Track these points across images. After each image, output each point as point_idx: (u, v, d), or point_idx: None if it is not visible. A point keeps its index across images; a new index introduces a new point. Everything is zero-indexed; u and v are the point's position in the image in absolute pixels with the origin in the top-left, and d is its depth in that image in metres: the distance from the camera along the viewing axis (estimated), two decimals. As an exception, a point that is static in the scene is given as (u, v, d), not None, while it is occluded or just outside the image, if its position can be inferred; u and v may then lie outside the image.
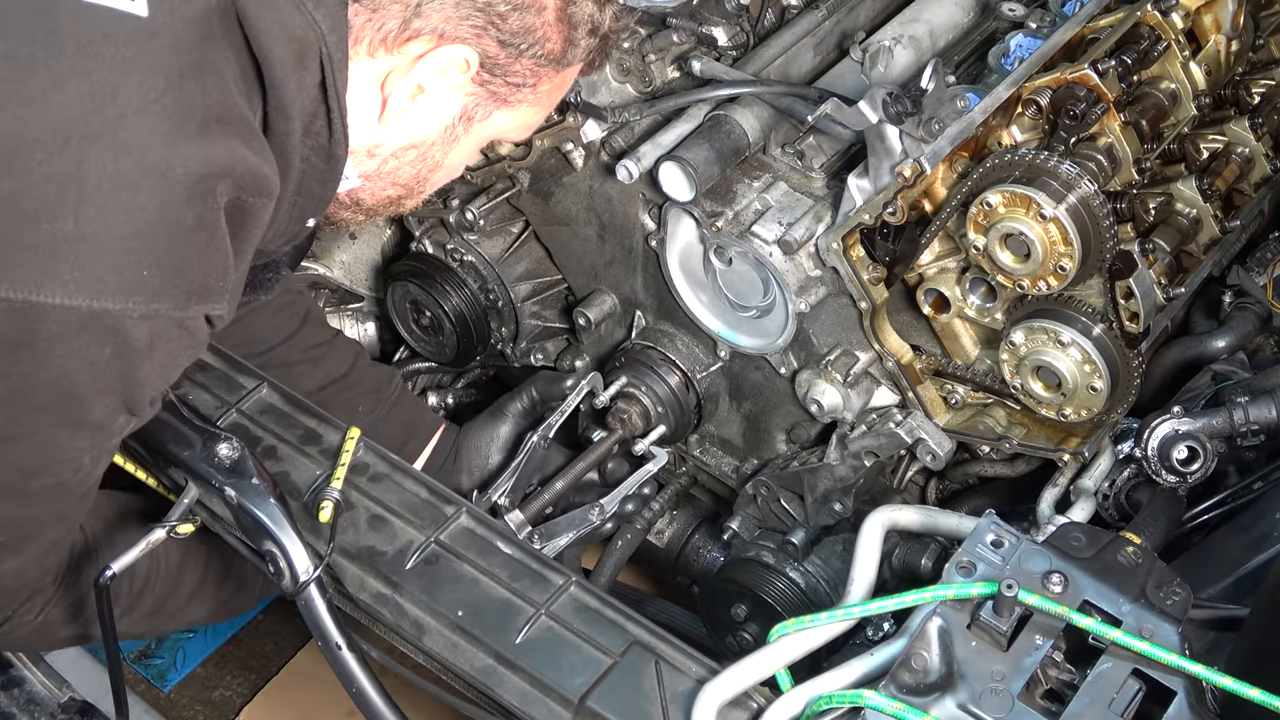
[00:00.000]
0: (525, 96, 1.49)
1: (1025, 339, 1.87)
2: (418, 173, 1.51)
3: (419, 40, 1.38)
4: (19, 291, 1.15)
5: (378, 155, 1.48)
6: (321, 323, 2.03)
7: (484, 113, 1.48)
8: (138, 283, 1.20)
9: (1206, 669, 1.29)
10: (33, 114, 1.16)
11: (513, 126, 1.54)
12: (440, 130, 1.48)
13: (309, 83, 1.33)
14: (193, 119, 1.22)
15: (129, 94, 1.19)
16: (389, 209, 1.58)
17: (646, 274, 2.12)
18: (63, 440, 1.30)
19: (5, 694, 1.95)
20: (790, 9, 2.23)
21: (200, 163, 1.21)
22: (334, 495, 1.58)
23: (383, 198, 1.54)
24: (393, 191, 1.53)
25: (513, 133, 1.56)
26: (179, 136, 1.20)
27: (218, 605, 1.74)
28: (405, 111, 1.44)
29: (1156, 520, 1.81)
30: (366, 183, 1.50)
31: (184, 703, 2.64)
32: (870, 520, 1.62)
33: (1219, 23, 2.08)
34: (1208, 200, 2.01)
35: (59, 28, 1.19)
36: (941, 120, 1.82)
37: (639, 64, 2.02)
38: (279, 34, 1.28)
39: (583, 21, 1.47)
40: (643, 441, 2.06)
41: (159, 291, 1.22)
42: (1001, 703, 1.31)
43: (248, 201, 1.28)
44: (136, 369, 1.26)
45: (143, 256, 1.19)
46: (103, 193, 1.17)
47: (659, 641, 1.49)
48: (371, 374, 2.03)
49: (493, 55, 1.42)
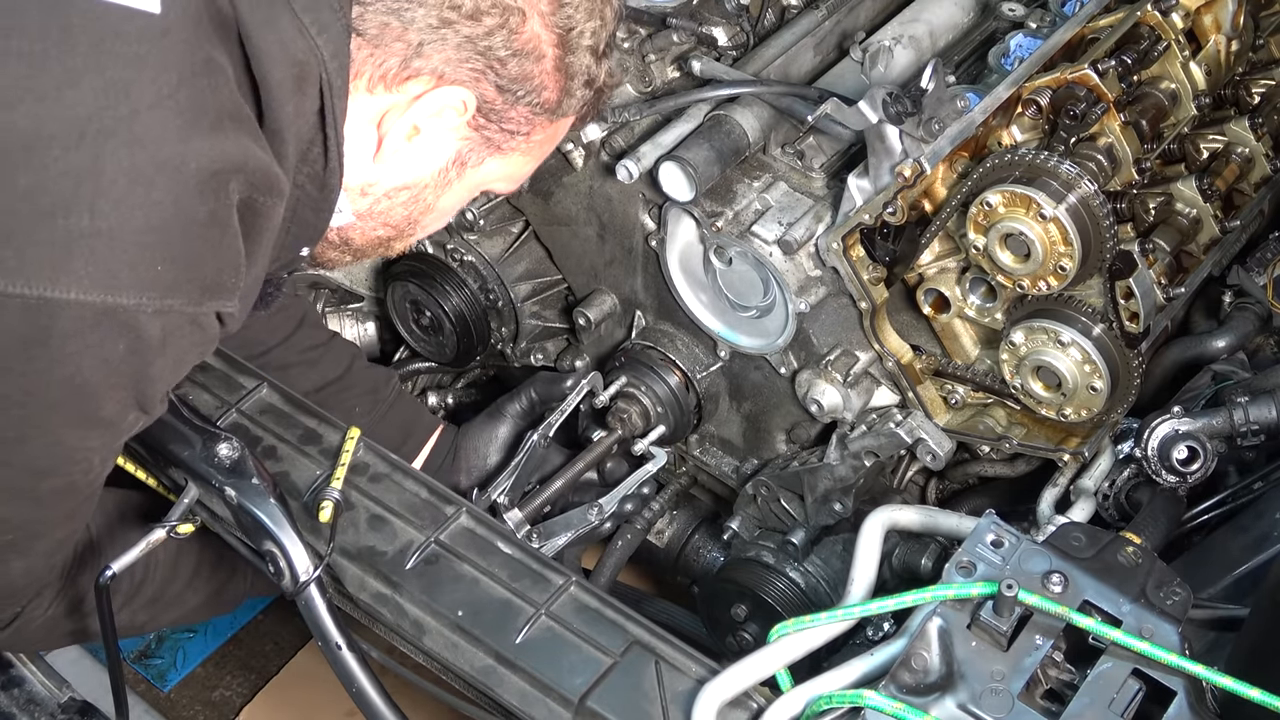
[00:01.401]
0: (518, 144, 1.49)
1: (1025, 339, 1.87)
2: (409, 214, 1.51)
3: (418, 80, 1.38)
4: (34, 288, 1.15)
5: (370, 194, 1.47)
6: (318, 325, 2.04)
7: (477, 158, 1.48)
8: (152, 278, 1.20)
9: (1206, 669, 1.29)
10: (47, 110, 1.16)
11: (504, 175, 1.54)
12: (434, 173, 1.48)
13: (307, 109, 1.32)
14: (205, 115, 1.22)
15: (142, 90, 1.19)
16: (378, 250, 1.57)
17: (646, 274, 2.12)
18: (74, 440, 1.30)
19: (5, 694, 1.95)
20: (790, 9, 2.23)
21: (214, 158, 1.21)
22: (334, 495, 1.58)
23: (372, 238, 1.54)
24: (383, 232, 1.53)
25: (503, 183, 1.57)
26: (192, 131, 1.20)
27: (214, 589, 1.74)
28: (400, 151, 1.43)
29: (1156, 520, 1.81)
30: (358, 221, 1.50)
31: (184, 703, 2.64)
32: (870, 520, 1.62)
33: (1219, 23, 2.08)
34: (1208, 200, 2.01)
35: (72, 25, 1.19)
36: (941, 120, 1.82)
37: (639, 64, 2.02)
38: (279, 55, 1.28)
39: (579, 73, 1.47)
40: (642, 442, 2.06)
41: (173, 287, 1.21)
42: (1001, 703, 1.31)
43: (259, 201, 1.28)
44: (149, 365, 1.26)
45: (157, 252, 1.19)
46: (118, 188, 1.17)
47: (659, 641, 1.49)
48: (368, 375, 2.03)
49: (490, 100, 1.42)
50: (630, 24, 2.02)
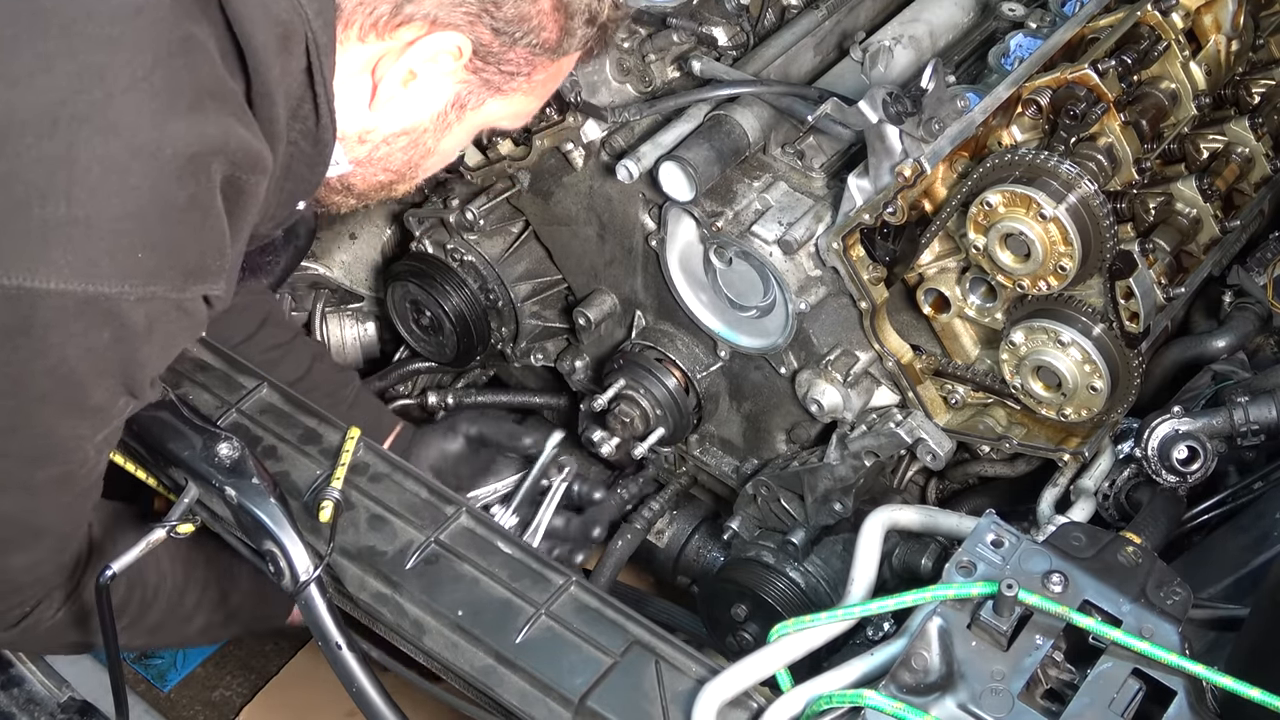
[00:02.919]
0: (520, 85, 1.47)
1: (1025, 339, 1.87)
2: (410, 159, 1.50)
3: (411, 26, 1.36)
4: (13, 278, 1.15)
5: (369, 141, 1.46)
6: (281, 324, 2.02)
7: (477, 100, 1.47)
8: (133, 265, 1.19)
9: (1206, 669, 1.29)
10: (20, 97, 1.15)
11: (507, 115, 1.53)
12: (432, 117, 1.46)
13: (294, 68, 1.31)
14: (183, 96, 1.20)
15: (116, 73, 1.17)
16: (380, 194, 1.56)
17: (646, 274, 2.12)
18: (65, 429, 1.30)
19: (5, 693, 1.95)
20: (790, 9, 2.23)
21: (191, 141, 1.20)
22: (334, 495, 1.58)
23: (374, 183, 1.53)
24: (384, 177, 1.52)
25: (507, 121, 1.55)
26: (169, 114, 1.19)
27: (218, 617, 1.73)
28: (396, 97, 1.42)
29: (1156, 520, 1.81)
30: (358, 168, 1.49)
31: (184, 703, 2.64)
32: (870, 520, 1.62)
33: (1219, 22, 2.08)
34: (1208, 200, 2.01)
35: (42, 8, 1.18)
36: (941, 120, 1.82)
37: (639, 64, 2.02)
38: (262, 18, 1.26)
39: (580, 10, 1.45)
40: (642, 445, 2.05)
41: (155, 273, 1.21)
42: (1001, 702, 1.31)
43: (243, 179, 1.26)
44: (136, 352, 1.25)
45: (137, 238, 1.18)
46: (93, 175, 1.16)
47: (659, 641, 1.49)
48: (329, 377, 2.01)
49: (486, 43, 1.41)
50: (630, 24, 2.02)
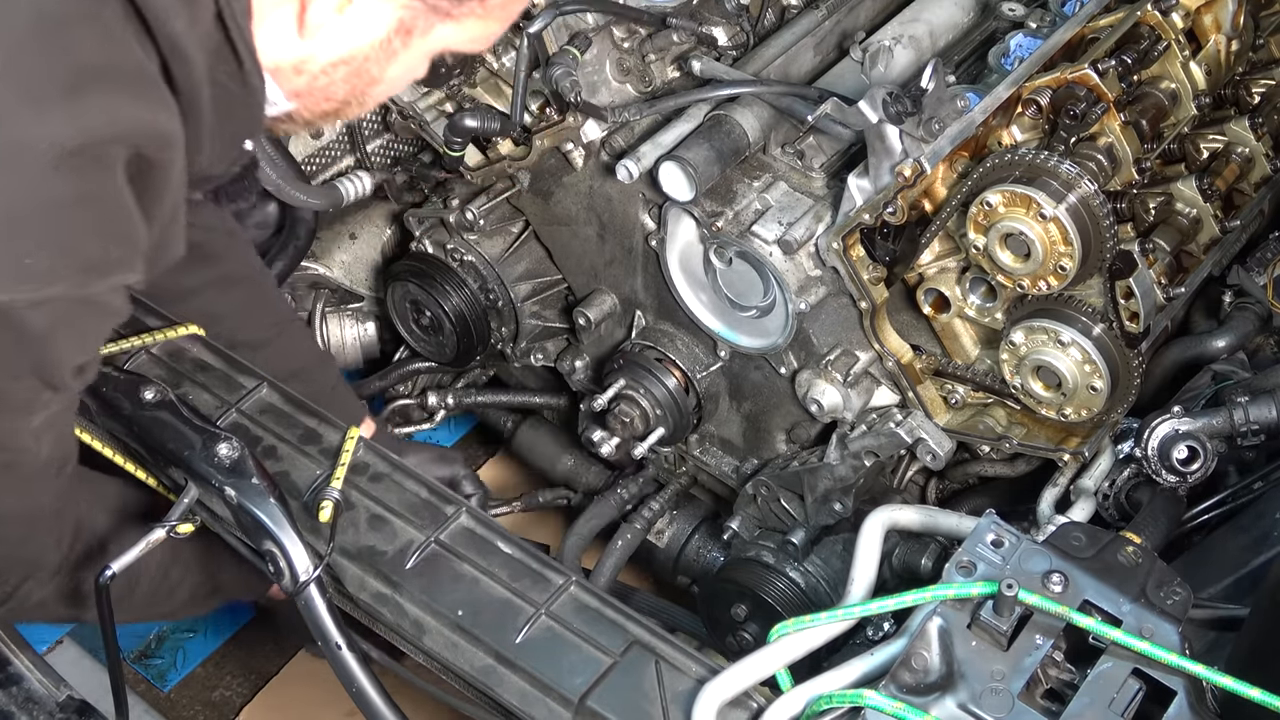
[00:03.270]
0: (471, 9, 1.38)
1: (1025, 339, 1.87)
2: (353, 88, 1.42)
3: None
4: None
5: (305, 71, 1.38)
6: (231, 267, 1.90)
7: (425, 25, 1.37)
8: (20, 271, 1.12)
9: (1206, 669, 1.29)
10: None
11: (462, 40, 1.43)
12: (373, 44, 1.37)
13: (204, 16, 1.23)
14: (55, 83, 1.12)
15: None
16: (329, 120, 1.49)
17: (646, 274, 2.12)
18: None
19: (3, 692, 1.95)
20: (790, 9, 2.23)
21: (73, 133, 1.12)
22: (334, 495, 1.57)
23: (320, 111, 1.45)
24: (328, 106, 1.44)
25: (465, 45, 1.45)
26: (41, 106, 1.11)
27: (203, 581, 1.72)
28: (329, 25, 1.34)
29: (1156, 520, 1.81)
30: (299, 100, 1.42)
31: (184, 703, 2.63)
32: (870, 520, 1.62)
33: (1219, 23, 2.08)
34: (1208, 200, 2.01)
35: None
36: (941, 120, 1.82)
37: (639, 64, 2.02)
38: None
39: None
40: (642, 445, 2.05)
41: (49, 276, 1.15)
42: (1001, 702, 1.31)
43: (150, 155, 1.19)
44: (45, 352, 1.21)
45: (19, 244, 1.12)
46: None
47: (659, 641, 1.49)
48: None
49: None
50: (630, 24, 2.02)
